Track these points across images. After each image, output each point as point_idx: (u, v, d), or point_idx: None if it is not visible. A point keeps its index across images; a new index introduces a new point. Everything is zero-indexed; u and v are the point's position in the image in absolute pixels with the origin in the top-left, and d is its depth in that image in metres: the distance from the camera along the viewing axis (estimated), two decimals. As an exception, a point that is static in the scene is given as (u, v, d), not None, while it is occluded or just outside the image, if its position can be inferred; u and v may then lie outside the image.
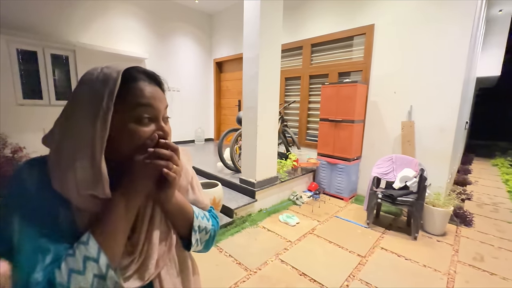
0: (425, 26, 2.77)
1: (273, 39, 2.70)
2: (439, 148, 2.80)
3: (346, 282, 1.77)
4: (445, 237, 2.43)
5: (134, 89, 0.46)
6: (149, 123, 0.47)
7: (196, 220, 0.58)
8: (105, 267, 0.40)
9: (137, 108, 0.45)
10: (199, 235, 0.59)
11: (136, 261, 0.48)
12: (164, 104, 0.51)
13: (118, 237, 0.44)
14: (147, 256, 0.49)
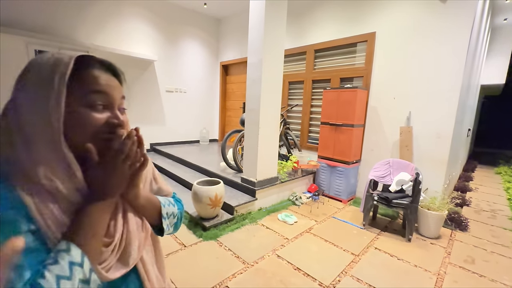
0: (424, 35, 2.86)
1: (276, 45, 2.82)
2: (436, 153, 2.87)
3: (338, 278, 1.86)
4: (439, 240, 2.49)
5: (88, 75, 0.45)
6: (103, 111, 0.47)
7: (164, 208, 0.61)
8: (88, 271, 0.40)
9: (90, 94, 0.44)
10: (169, 221, 0.63)
11: (116, 251, 0.48)
12: (120, 94, 0.50)
13: (99, 239, 0.44)
14: (127, 243, 0.50)
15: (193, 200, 2.48)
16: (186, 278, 1.77)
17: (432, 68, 2.83)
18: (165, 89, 5.22)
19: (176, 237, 2.29)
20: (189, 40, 5.46)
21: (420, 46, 2.90)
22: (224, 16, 5.71)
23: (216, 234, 2.34)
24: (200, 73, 5.80)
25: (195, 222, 2.53)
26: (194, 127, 5.85)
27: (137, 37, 4.65)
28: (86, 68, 0.45)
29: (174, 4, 5.02)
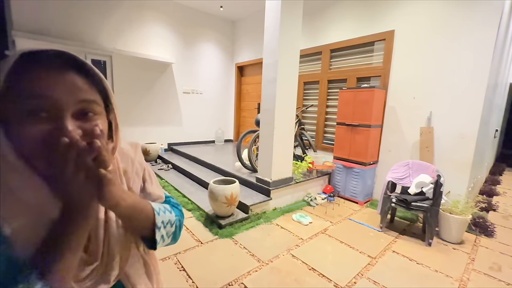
0: (446, 31, 2.76)
1: (292, 46, 2.83)
2: (459, 155, 2.75)
3: (354, 280, 1.84)
4: (461, 245, 2.39)
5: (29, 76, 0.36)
6: (45, 121, 0.37)
7: (158, 216, 0.52)
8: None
9: (27, 100, 0.36)
10: (165, 230, 0.54)
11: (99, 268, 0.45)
12: (75, 96, 0.39)
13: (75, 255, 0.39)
14: (109, 259, 0.47)
15: (209, 198, 2.54)
16: (203, 273, 1.83)
17: (456, 65, 2.72)
18: (182, 91, 5.37)
19: (193, 234, 2.36)
20: (205, 42, 5.58)
21: (442, 43, 2.79)
22: (239, 18, 5.78)
23: (232, 232, 2.39)
24: (216, 74, 5.91)
25: (211, 220, 2.59)
26: (210, 128, 5.97)
27: (156, 40, 4.82)
28: (31, 65, 0.37)
29: (191, 7, 5.16)
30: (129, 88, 4.60)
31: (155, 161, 4.76)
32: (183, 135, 5.53)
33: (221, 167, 3.69)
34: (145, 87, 4.83)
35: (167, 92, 5.16)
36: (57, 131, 0.37)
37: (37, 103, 0.36)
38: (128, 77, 4.54)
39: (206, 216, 2.67)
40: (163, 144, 5.16)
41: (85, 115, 0.41)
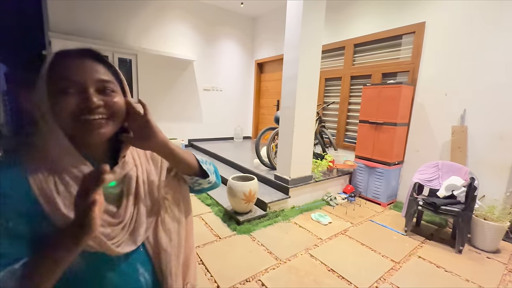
0: (484, 22, 2.53)
1: (314, 41, 2.76)
2: (497, 157, 2.53)
3: (376, 284, 1.77)
4: (497, 254, 2.20)
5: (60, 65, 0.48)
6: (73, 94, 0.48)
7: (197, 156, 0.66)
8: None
9: (60, 81, 0.47)
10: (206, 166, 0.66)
11: (126, 230, 0.53)
12: (95, 76, 0.50)
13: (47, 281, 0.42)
14: (136, 226, 0.54)
15: (228, 194, 2.57)
16: (221, 267, 1.85)
17: (495, 59, 2.49)
18: (203, 88, 5.46)
19: (212, 229, 2.40)
20: (226, 39, 5.62)
21: (480, 35, 2.57)
22: (259, 15, 5.74)
23: (249, 229, 2.40)
24: (236, 71, 5.93)
25: (229, 216, 2.62)
26: (229, 124, 6.02)
27: (178, 39, 4.94)
28: (62, 59, 0.49)
29: (212, 5, 5.21)
30: (153, 85, 4.76)
31: (176, 156, 4.90)
32: (203, 132, 5.64)
33: (239, 164, 3.71)
34: (167, 84, 4.97)
35: (188, 89, 5.28)
36: (84, 100, 0.48)
37: (65, 83, 0.48)
38: (152, 74, 4.70)
39: (224, 212, 2.70)
40: (183, 140, 5.29)
41: (105, 91, 0.51)
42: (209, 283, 1.69)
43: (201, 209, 2.81)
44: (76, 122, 0.48)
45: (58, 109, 0.47)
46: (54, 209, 0.46)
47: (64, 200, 0.47)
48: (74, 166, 0.50)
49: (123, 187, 0.56)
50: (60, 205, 0.46)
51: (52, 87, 0.48)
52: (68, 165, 0.49)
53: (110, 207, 0.53)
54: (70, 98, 0.47)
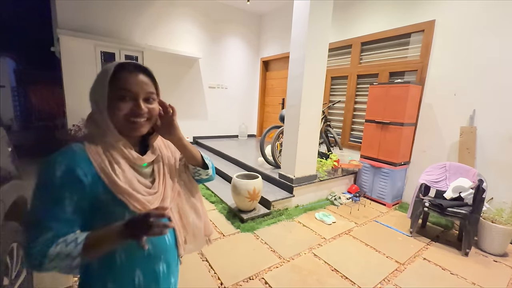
0: (494, 24, 2.47)
1: (321, 40, 2.73)
2: (506, 159, 2.47)
3: (380, 285, 1.76)
4: (505, 258, 2.17)
5: (120, 77, 0.62)
6: (129, 101, 0.63)
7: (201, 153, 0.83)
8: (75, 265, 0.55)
9: (120, 90, 0.62)
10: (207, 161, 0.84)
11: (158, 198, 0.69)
12: (145, 89, 0.65)
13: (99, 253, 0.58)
14: (165, 196, 0.71)
15: (232, 192, 2.57)
16: (225, 264, 1.86)
17: (506, 59, 2.43)
18: (208, 85, 5.47)
19: (216, 226, 2.41)
20: (232, 37, 5.60)
21: (490, 34, 2.51)
22: (265, 12, 5.70)
23: (253, 227, 2.40)
24: (241, 69, 5.92)
25: (233, 214, 2.63)
26: (234, 122, 6.03)
27: (184, 36, 4.94)
28: (122, 72, 0.63)
29: (218, 2, 5.19)
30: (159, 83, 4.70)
31: (181, 153, 4.95)
32: (207, 129, 5.66)
33: (244, 162, 3.72)
34: (173, 81, 4.99)
35: (194, 87, 5.29)
36: (136, 107, 0.64)
37: (124, 92, 0.63)
38: (158, 72, 4.59)
39: (228, 210, 2.72)
40: (188, 137, 5.32)
41: (149, 100, 0.67)
42: (213, 280, 1.70)
43: (205, 206, 2.81)
44: (126, 121, 0.64)
45: (116, 110, 0.62)
46: (113, 183, 0.61)
47: (118, 175, 0.62)
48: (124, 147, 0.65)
49: (153, 167, 0.73)
50: (116, 179, 0.61)
51: (112, 93, 0.62)
52: (119, 149, 0.64)
53: (147, 181, 0.69)
54: (126, 104, 0.63)
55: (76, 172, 0.57)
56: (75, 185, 0.57)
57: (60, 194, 0.56)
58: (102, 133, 0.63)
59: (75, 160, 0.58)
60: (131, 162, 0.67)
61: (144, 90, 0.66)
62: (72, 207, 0.57)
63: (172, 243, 0.76)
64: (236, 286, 1.67)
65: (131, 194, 0.62)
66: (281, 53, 5.36)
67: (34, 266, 0.54)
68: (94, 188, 0.59)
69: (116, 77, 0.62)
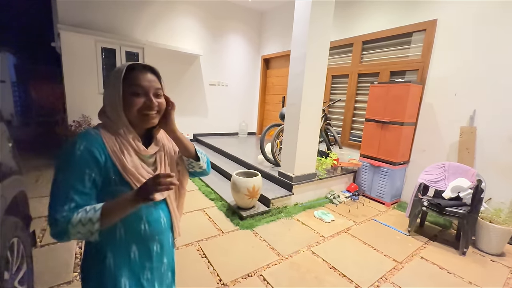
0: (496, 24, 2.46)
1: (322, 38, 2.72)
2: (506, 159, 2.48)
3: (377, 283, 1.77)
4: (502, 257, 2.18)
5: (133, 75, 0.72)
6: (141, 96, 0.72)
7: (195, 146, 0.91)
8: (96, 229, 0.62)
9: (133, 87, 0.71)
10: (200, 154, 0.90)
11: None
12: (154, 85, 0.75)
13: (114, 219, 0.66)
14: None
15: (231, 189, 2.58)
16: (224, 262, 1.88)
17: (508, 60, 2.42)
18: (208, 83, 5.46)
19: (215, 223, 2.43)
20: (233, 34, 5.58)
21: (492, 34, 2.50)
22: (267, 9, 5.68)
23: (252, 224, 2.42)
24: (242, 67, 5.91)
25: (232, 211, 2.64)
26: (234, 120, 6.03)
27: (185, 33, 4.92)
28: (133, 71, 0.72)
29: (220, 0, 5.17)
30: (159, 80, 4.77)
31: (181, 150, 4.95)
32: (208, 126, 5.66)
33: (244, 160, 3.72)
34: (174, 78, 4.98)
35: (194, 84, 5.28)
36: (148, 101, 0.73)
37: (136, 88, 0.72)
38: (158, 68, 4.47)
39: (228, 207, 2.73)
40: (189, 134, 5.32)
41: (157, 95, 0.76)
42: (212, 277, 1.72)
43: (205, 204, 2.84)
44: (140, 115, 0.73)
45: (130, 105, 0.71)
46: (122, 165, 0.70)
47: (127, 160, 0.71)
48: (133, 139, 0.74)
49: (156, 157, 0.81)
50: (125, 162, 0.70)
51: (126, 90, 0.71)
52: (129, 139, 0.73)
53: (149, 169, 0.77)
54: (139, 99, 0.72)
55: (94, 152, 0.66)
56: (93, 163, 0.66)
57: (81, 169, 0.64)
58: (115, 125, 0.72)
59: (92, 142, 0.67)
60: (137, 152, 0.75)
61: (154, 86, 0.75)
62: (90, 182, 0.66)
63: (167, 226, 0.83)
64: (235, 282, 1.68)
65: (136, 176, 0.71)
66: (282, 51, 5.35)
67: (60, 233, 0.61)
68: (106, 168, 0.68)
69: (128, 76, 0.71)
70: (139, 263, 0.75)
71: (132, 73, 0.72)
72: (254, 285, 1.67)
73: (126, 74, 0.71)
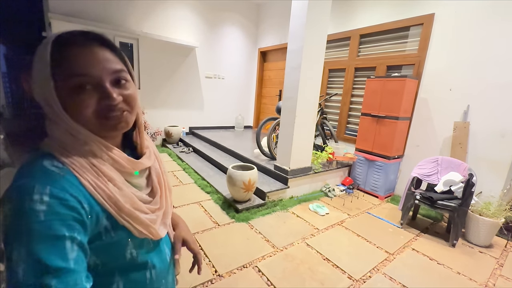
0: (493, 19, 2.47)
1: (319, 31, 2.70)
2: (497, 154, 2.53)
3: (369, 274, 1.82)
4: (490, 249, 2.25)
5: (67, 56, 0.42)
6: (91, 91, 0.44)
7: None
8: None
9: (73, 78, 0.42)
10: None
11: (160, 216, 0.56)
12: (108, 67, 0.45)
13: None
14: (165, 211, 0.59)
15: (227, 182, 2.59)
16: (219, 254, 1.90)
17: (503, 56, 2.44)
18: (205, 75, 5.40)
19: (211, 216, 2.44)
20: (229, 26, 5.49)
21: (487, 31, 2.51)
22: (264, 1, 5.58)
23: (248, 217, 2.44)
24: (238, 59, 5.84)
25: (228, 204, 2.66)
26: (230, 113, 6.00)
27: (180, 24, 4.83)
28: (66, 47, 0.43)
29: (216, -11, 5.06)
30: (154, 71, 4.71)
31: (176, 143, 4.93)
32: (204, 120, 5.62)
33: (240, 153, 3.73)
34: (169, 70, 4.91)
35: (190, 76, 5.22)
36: (105, 97, 0.45)
37: (81, 79, 0.43)
38: (153, 60, 4.64)
39: (223, 200, 2.74)
40: (184, 127, 5.29)
41: (119, 83, 0.48)
42: (208, 268, 1.74)
43: (201, 197, 2.85)
44: (98, 120, 0.45)
45: (75, 109, 0.43)
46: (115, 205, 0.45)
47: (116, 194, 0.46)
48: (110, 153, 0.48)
49: (149, 175, 0.58)
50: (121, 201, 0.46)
51: (63, 83, 0.42)
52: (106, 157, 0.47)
53: (143, 195, 0.54)
54: (89, 96, 0.43)
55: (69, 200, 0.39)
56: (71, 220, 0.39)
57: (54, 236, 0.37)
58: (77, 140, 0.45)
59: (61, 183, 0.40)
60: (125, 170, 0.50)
61: (108, 69, 0.46)
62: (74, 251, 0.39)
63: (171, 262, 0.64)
64: (230, 274, 1.71)
65: (134, 216, 0.48)
66: (279, 43, 5.29)
67: None
68: (93, 217, 0.43)
69: (62, 58, 0.42)
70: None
71: (66, 52, 0.42)
72: (249, 276, 1.70)
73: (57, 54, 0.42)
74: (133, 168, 0.52)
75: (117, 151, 0.49)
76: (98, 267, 0.46)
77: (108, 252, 0.46)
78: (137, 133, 0.57)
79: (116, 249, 0.48)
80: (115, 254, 0.48)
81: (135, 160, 0.52)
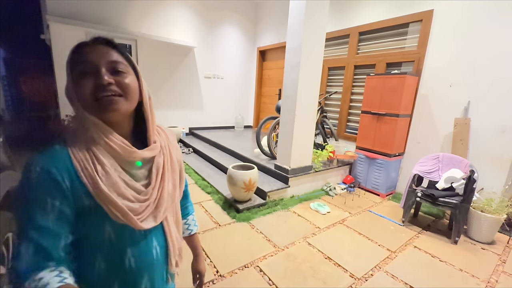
0: (493, 14, 2.45)
1: (318, 29, 2.68)
2: (498, 150, 2.52)
3: (371, 272, 1.81)
4: (492, 246, 2.24)
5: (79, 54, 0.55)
6: (91, 76, 0.53)
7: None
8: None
9: (78, 65, 0.54)
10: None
11: (150, 207, 0.59)
12: (106, 58, 0.55)
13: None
14: (158, 204, 0.61)
15: (228, 183, 2.59)
16: (220, 254, 1.90)
17: (503, 51, 2.42)
18: (204, 75, 5.39)
19: (212, 216, 2.44)
20: (228, 25, 5.48)
21: (487, 27, 2.49)
22: (262, 0, 5.57)
23: (249, 217, 2.43)
24: (237, 59, 5.83)
25: (229, 204, 2.65)
26: (230, 113, 5.99)
27: (179, 24, 4.82)
28: (81, 49, 0.55)
29: (214, -11, 5.04)
30: (153, 72, 4.70)
31: (177, 144, 4.93)
32: (203, 120, 5.62)
33: (240, 153, 3.72)
34: (168, 71, 4.90)
35: (189, 77, 5.21)
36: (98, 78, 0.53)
37: (83, 66, 0.54)
38: (152, 61, 4.63)
39: (224, 200, 2.74)
40: (184, 128, 5.29)
41: (116, 72, 0.56)
42: (209, 268, 1.74)
43: (201, 197, 2.85)
44: (94, 100, 0.53)
45: (80, 91, 0.53)
46: (94, 186, 0.52)
47: (101, 177, 0.53)
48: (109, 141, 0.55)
49: (153, 166, 0.63)
50: (99, 181, 0.52)
51: (74, 73, 0.54)
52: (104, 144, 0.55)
53: (137, 185, 0.59)
54: (87, 79, 0.53)
55: (53, 173, 0.49)
56: (54, 189, 0.49)
57: (40, 198, 0.48)
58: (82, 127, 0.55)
59: (52, 160, 0.50)
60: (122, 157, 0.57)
61: (105, 59, 0.55)
62: (54, 214, 0.49)
63: (162, 256, 0.65)
64: (232, 273, 1.70)
65: (110, 199, 0.53)
66: (278, 42, 5.28)
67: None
68: (75, 192, 0.51)
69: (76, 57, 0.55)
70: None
71: (79, 51, 0.55)
72: (251, 276, 1.69)
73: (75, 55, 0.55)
74: (127, 156, 0.57)
75: (115, 138, 0.56)
76: (83, 241, 0.54)
77: (88, 226, 0.54)
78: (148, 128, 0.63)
79: (95, 226, 0.54)
80: (94, 230, 0.54)
81: (129, 149, 0.57)
